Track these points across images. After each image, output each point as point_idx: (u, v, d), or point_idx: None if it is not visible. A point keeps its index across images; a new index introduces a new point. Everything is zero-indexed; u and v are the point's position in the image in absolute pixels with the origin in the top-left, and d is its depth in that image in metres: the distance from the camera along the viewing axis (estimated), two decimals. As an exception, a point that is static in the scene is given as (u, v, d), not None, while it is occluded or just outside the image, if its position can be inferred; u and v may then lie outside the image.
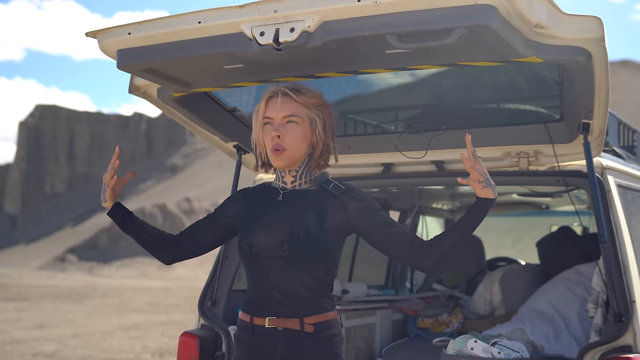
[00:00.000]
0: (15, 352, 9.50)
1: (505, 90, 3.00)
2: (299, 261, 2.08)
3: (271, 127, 2.13)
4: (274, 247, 2.09)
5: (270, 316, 2.09)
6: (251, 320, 2.13)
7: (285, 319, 2.08)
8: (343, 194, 2.16)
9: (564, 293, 3.72)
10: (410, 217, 4.98)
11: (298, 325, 2.08)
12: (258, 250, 2.11)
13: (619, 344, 2.41)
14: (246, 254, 2.14)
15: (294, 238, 2.08)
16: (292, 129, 2.12)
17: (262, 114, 2.16)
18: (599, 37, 2.04)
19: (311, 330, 2.08)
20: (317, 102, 2.17)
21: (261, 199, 2.23)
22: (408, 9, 1.86)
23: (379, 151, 3.19)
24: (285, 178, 2.22)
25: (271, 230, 2.11)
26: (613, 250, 2.52)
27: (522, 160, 2.94)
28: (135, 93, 2.77)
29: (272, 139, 2.13)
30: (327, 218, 2.13)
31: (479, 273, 4.92)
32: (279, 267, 2.09)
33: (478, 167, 2.06)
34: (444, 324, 4.16)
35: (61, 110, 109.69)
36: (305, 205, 2.15)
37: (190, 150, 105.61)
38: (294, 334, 2.08)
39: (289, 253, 2.08)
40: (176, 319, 13.59)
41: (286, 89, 2.15)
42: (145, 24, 2.16)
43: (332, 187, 2.17)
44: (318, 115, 2.16)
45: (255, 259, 2.12)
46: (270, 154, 2.15)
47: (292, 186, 2.21)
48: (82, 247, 49.61)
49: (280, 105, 2.13)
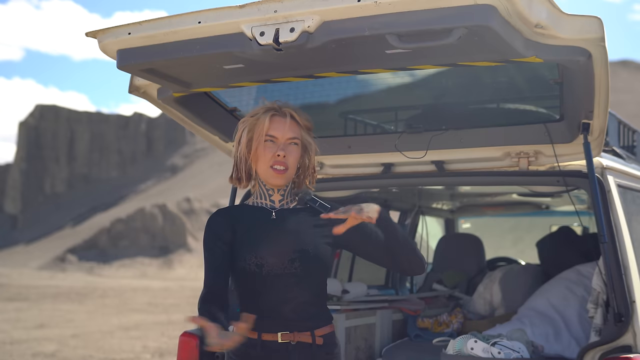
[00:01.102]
0: (15, 352, 9.51)
1: (505, 90, 3.00)
2: (309, 277, 2.15)
3: (275, 145, 2.16)
4: (284, 265, 2.12)
5: (281, 331, 2.12)
6: (259, 336, 2.12)
7: (298, 332, 2.12)
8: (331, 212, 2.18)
9: (564, 293, 3.72)
10: (410, 217, 4.98)
11: (310, 338, 2.14)
12: (269, 270, 2.11)
13: (619, 344, 2.41)
14: (255, 275, 2.12)
15: (304, 255, 2.14)
16: (294, 150, 2.19)
17: (265, 130, 2.15)
18: (599, 37, 2.04)
19: (321, 342, 2.15)
20: (311, 126, 2.25)
21: (251, 219, 2.20)
22: (408, 9, 1.87)
23: (379, 151, 3.19)
24: (273, 196, 2.24)
25: (278, 249, 2.13)
26: (613, 250, 2.52)
27: (522, 160, 2.94)
28: (135, 93, 2.76)
29: (274, 156, 2.15)
30: (324, 232, 2.19)
31: (479, 273, 4.91)
32: (290, 283, 2.12)
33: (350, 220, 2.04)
34: (444, 324, 4.15)
35: (61, 110, 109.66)
36: (303, 222, 2.21)
37: (190, 150, 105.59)
38: (306, 347, 2.13)
39: (300, 270, 2.13)
40: (176, 319, 13.59)
41: (292, 111, 2.19)
42: (145, 24, 2.16)
43: (318, 205, 2.21)
44: (311, 139, 2.24)
45: (265, 278, 2.12)
46: (270, 171, 2.16)
47: (280, 205, 2.24)
48: (82, 247, 49.62)
49: (289, 127, 2.17)
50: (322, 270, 2.20)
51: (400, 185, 3.77)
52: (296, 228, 2.19)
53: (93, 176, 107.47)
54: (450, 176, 3.19)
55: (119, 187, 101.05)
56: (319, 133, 3.28)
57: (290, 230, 2.18)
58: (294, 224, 2.19)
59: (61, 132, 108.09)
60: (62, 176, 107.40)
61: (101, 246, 48.83)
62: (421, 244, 5.24)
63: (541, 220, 5.95)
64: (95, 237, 50.66)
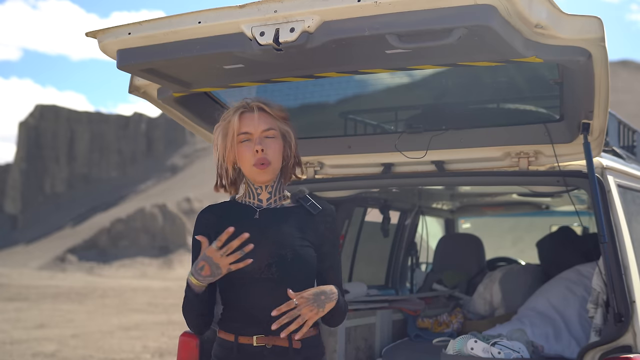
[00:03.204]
0: (15, 352, 9.51)
1: (505, 90, 3.00)
2: (287, 282, 2.05)
3: (251, 142, 2.11)
4: (260, 269, 2.06)
5: (257, 334, 2.07)
6: (236, 339, 2.09)
7: (274, 336, 2.05)
8: (319, 215, 2.17)
9: (564, 293, 3.72)
10: (410, 217, 4.98)
11: (286, 342, 2.06)
12: (244, 273, 2.04)
13: (619, 344, 2.41)
14: (230, 277, 2.05)
15: (281, 260, 2.06)
16: (272, 142, 2.12)
17: (236, 129, 2.11)
18: (599, 37, 2.04)
19: (299, 346, 2.08)
20: (285, 115, 2.18)
21: (235, 218, 2.13)
22: (408, 9, 1.86)
23: (379, 151, 3.19)
24: (261, 195, 2.19)
25: (256, 252, 2.01)
26: (613, 251, 2.52)
27: (522, 160, 2.94)
28: (135, 93, 2.77)
29: (254, 154, 2.09)
30: (307, 236, 2.13)
31: (479, 273, 4.92)
32: (267, 289, 2.06)
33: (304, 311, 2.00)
34: (444, 324, 4.16)
35: (61, 110, 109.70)
36: (285, 223, 2.13)
37: (190, 150, 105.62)
38: (282, 351, 2.07)
39: (276, 275, 2.06)
40: (176, 319, 13.59)
41: (260, 103, 2.14)
42: (145, 24, 2.16)
43: (309, 205, 2.18)
44: (289, 128, 2.18)
45: (241, 281, 2.07)
46: (254, 169, 2.11)
47: (267, 203, 2.18)
48: (82, 247, 49.63)
49: (258, 119, 2.11)
50: (301, 275, 2.10)
51: (400, 185, 3.77)
52: (277, 230, 2.11)
53: (93, 176, 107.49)
54: (450, 176, 3.19)
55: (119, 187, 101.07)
56: (319, 133, 3.31)
57: (270, 232, 2.10)
58: (275, 226, 2.12)
59: (61, 132, 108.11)
60: (62, 176, 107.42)
61: (101, 246, 48.85)
62: (421, 244, 5.25)
63: (541, 220, 5.95)
64: (95, 237, 50.69)
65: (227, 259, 1.96)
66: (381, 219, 4.61)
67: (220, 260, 1.96)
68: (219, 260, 1.96)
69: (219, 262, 1.97)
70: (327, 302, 2.04)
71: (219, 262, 1.97)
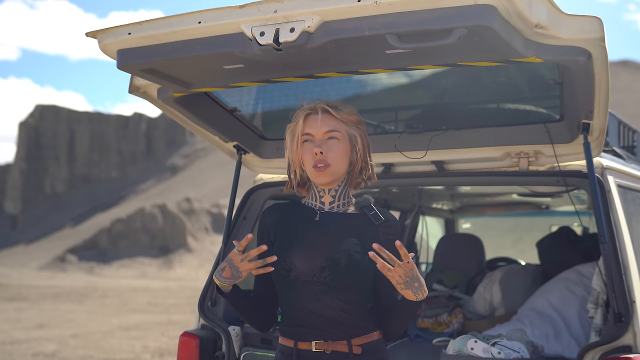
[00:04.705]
0: (15, 352, 9.51)
1: (505, 91, 3.00)
2: (340, 287, 2.03)
3: (312, 144, 2.09)
4: (313, 272, 2.03)
5: (316, 340, 2.05)
6: (295, 345, 2.07)
7: (333, 341, 2.04)
8: (381, 225, 2.13)
9: (564, 293, 3.72)
10: (410, 217, 4.98)
11: (346, 347, 2.04)
12: (296, 276, 2.04)
13: (619, 344, 2.41)
14: (283, 279, 2.06)
15: (335, 265, 2.03)
16: (334, 144, 2.08)
17: (300, 131, 2.10)
18: (599, 38, 2.04)
19: (359, 352, 2.05)
20: (355, 118, 2.13)
21: (296, 218, 2.15)
22: (408, 9, 1.86)
23: (379, 151, 3.18)
24: (323, 198, 2.16)
25: (310, 254, 2.04)
26: (613, 251, 2.52)
27: (522, 160, 2.94)
28: (135, 93, 2.77)
29: (314, 155, 2.07)
30: (366, 245, 2.07)
31: (479, 273, 4.91)
32: (319, 292, 2.03)
33: (397, 271, 1.91)
34: (444, 324, 4.15)
35: (61, 110, 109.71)
36: (344, 229, 2.09)
37: (190, 150, 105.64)
38: (342, 356, 2.04)
39: (329, 279, 2.03)
40: (176, 319, 13.60)
41: (324, 105, 2.11)
42: (145, 24, 2.16)
43: (372, 214, 2.12)
44: (357, 132, 2.12)
45: (293, 284, 2.06)
46: (313, 170, 2.08)
47: (330, 207, 2.15)
48: (82, 247, 49.61)
49: (321, 121, 2.09)
50: (354, 282, 2.05)
51: (400, 185, 3.77)
52: (335, 234, 2.07)
53: (93, 176, 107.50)
54: (450, 176, 3.19)
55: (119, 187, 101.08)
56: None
57: (328, 236, 2.07)
58: (334, 229, 2.09)
59: (61, 132, 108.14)
60: (62, 176, 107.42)
61: (101, 246, 48.82)
62: (421, 244, 5.24)
63: (541, 220, 5.95)
64: (95, 237, 50.65)
65: (247, 264, 1.98)
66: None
67: (240, 265, 1.99)
68: (239, 264, 1.99)
69: (239, 266, 1.99)
70: (417, 289, 1.95)
71: (239, 265, 1.99)
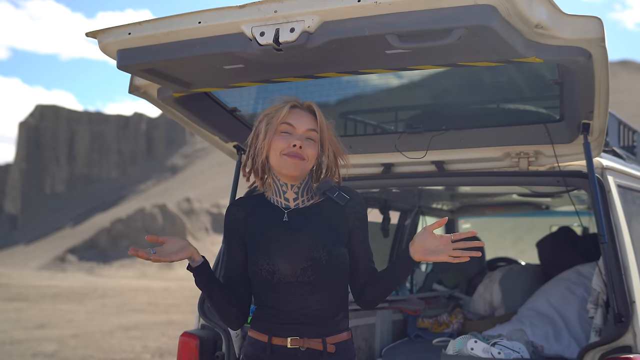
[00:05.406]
0: (15, 352, 9.50)
1: (505, 91, 3.00)
2: (324, 285, 2.07)
3: (291, 136, 2.09)
4: (296, 273, 2.05)
5: (292, 336, 2.06)
6: (269, 340, 2.08)
7: (308, 339, 2.06)
8: (346, 206, 2.15)
9: (564, 293, 3.72)
10: (410, 217, 4.97)
11: (321, 345, 2.07)
12: (280, 278, 2.06)
13: (619, 344, 2.41)
14: (266, 281, 2.07)
15: (317, 263, 2.05)
16: (311, 145, 2.11)
17: (282, 118, 2.09)
18: (599, 38, 2.04)
19: (333, 350, 2.08)
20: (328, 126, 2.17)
21: (264, 218, 2.15)
22: (408, 9, 1.86)
23: (379, 151, 3.19)
24: (287, 194, 2.16)
25: (290, 256, 2.06)
26: (613, 251, 2.52)
27: (522, 160, 2.94)
28: (136, 93, 2.77)
29: (288, 146, 2.07)
30: (339, 232, 2.12)
31: (479, 273, 4.92)
32: (303, 292, 2.06)
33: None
34: (444, 324, 4.16)
35: (61, 110, 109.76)
36: (315, 223, 2.12)
37: (190, 150, 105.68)
38: (316, 354, 2.07)
39: (313, 278, 2.05)
40: (176, 319, 13.60)
41: (312, 105, 2.15)
42: (145, 24, 2.16)
43: (336, 195, 2.15)
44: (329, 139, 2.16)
45: (277, 285, 2.07)
46: (284, 157, 2.07)
47: (295, 204, 2.16)
48: (82, 247, 49.60)
49: (307, 118, 2.12)
50: (338, 276, 2.10)
51: (400, 186, 3.77)
52: (309, 232, 2.09)
53: (93, 176, 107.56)
54: (450, 176, 3.19)
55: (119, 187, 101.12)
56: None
57: (302, 235, 2.09)
58: (306, 227, 2.10)
59: (61, 132, 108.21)
60: (62, 176, 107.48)
61: (101, 246, 48.81)
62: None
63: (541, 221, 5.95)
64: (95, 237, 50.64)
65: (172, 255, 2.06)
66: (381, 219, 4.62)
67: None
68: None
69: None
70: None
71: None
